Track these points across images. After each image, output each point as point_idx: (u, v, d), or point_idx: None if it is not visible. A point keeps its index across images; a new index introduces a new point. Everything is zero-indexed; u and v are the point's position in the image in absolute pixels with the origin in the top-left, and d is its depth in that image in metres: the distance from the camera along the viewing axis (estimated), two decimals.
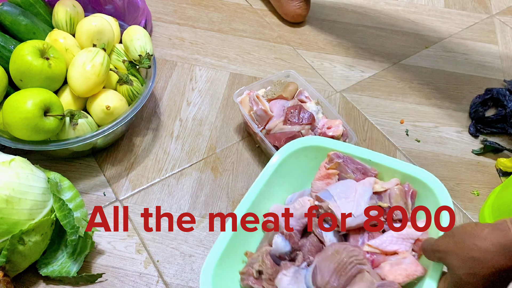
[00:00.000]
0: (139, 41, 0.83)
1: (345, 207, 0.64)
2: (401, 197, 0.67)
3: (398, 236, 0.64)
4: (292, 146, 0.74)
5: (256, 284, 0.64)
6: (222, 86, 1.02)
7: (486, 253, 0.45)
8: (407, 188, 0.68)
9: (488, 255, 0.45)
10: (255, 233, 0.70)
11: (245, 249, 0.68)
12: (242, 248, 0.68)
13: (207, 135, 0.92)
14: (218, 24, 1.15)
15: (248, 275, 0.64)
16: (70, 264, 0.71)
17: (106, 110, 0.77)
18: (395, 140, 0.94)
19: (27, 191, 0.65)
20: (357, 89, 1.04)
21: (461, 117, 1.00)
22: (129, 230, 0.78)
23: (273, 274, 0.63)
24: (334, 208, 0.64)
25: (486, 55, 1.13)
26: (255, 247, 0.70)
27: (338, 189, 0.67)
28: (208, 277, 0.61)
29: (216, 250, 0.64)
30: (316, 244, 0.66)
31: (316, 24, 1.18)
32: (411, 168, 0.69)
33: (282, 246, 0.65)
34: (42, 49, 0.75)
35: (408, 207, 0.67)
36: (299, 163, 0.75)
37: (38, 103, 0.70)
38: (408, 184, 0.68)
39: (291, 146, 0.74)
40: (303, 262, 0.64)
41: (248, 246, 0.69)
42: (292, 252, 0.66)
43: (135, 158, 0.88)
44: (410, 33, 1.18)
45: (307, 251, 0.65)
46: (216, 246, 0.64)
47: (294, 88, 0.87)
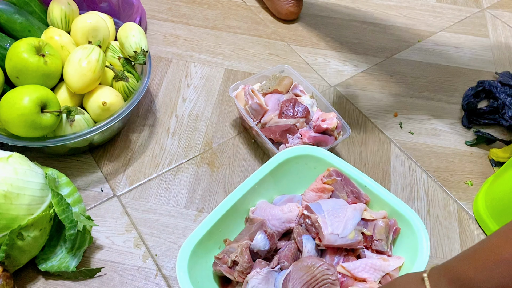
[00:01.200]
0: (134, 38, 0.84)
1: (332, 225, 0.66)
2: (384, 230, 0.68)
3: (371, 266, 0.65)
4: (295, 150, 0.75)
5: (227, 272, 0.65)
6: (217, 82, 1.02)
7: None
8: (391, 223, 0.69)
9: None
10: (236, 223, 0.72)
11: (224, 236, 0.70)
12: (222, 234, 0.70)
13: (203, 131, 0.93)
14: (213, 21, 1.16)
15: (223, 262, 0.66)
16: (69, 259, 0.72)
17: (102, 106, 0.78)
18: (389, 133, 0.95)
19: (25, 186, 0.66)
20: (351, 84, 1.05)
21: (454, 109, 1.01)
22: (127, 225, 0.78)
23: (248, 269, 0.64)
24: (322, 223, 0.66)
25: (478, 48, 1.15)
26: (234, 236, 0.71)
27: (330, 206, 0.68)
28: (186, 255, 0.64)
29: (199, 232, 0.66)
30: (294, 251, 0.67)
31: (310, 20, 1.19)
32: (400, 205, 0.69)
33: (263, 244, 0.67)
34: (38, 47, 0.75)
35: (388, 241, 0.68)
36: (297, 168, 0.76)
37: (34, 100, 0.71)
38: (394, 220, 0.70)
39: (294, 150, 0.75)
40: (278, 265, 0.65)
41: (228, 234, 0.71)
42: (268, 252, 0.67)
43: (132, 154, 0.88)
44: (403, 27, 1.19)
45: (284, 256, 0.66)
46: (199, 228, 0.67)
47: (289, 82, 0.88)
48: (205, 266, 0.68)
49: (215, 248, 0.70)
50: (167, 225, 0.79)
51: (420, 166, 0.90)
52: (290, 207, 0.71)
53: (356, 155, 0.91)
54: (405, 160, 0.91)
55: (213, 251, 0.69)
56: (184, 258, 0.64)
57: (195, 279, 0.63)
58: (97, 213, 0.79)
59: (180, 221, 0.79)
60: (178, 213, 0.80)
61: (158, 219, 0.79)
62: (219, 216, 0.68)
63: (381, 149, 0.92)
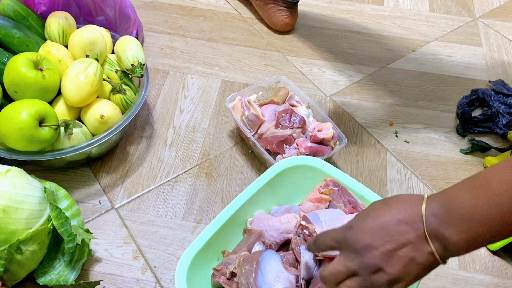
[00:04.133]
0: (132, 51, 0.84)
1: None
2: None
3: None
4: (292, 161, 0.76)
5: (226, 284, 0.65)
6: (214, 94, 1.03)
7: (412, 252, 0.47)
8: None
9: (414, 253, 0.47)
10: (234, 234, 0.73)
11: (223, 247, 0.71)
12: (220, 246, 0.70)
13: (200, 142, 0.94)
14: (209, 33, 1.17)
15: (222, 273, 0.66)
16: (67, 273, 0.72)
17: (100, 119, 0.78)
18: (385, 142, 0.96)
19: (23, 200, 0.66)
20: (346, 93, 1.06)
21: (449, 117, 1.02)
22: (126, 238, 0.79)
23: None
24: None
25: (471, 57, 1.16)
26: (232, 247, 0.72)
27: (328, 216, 0.68)
28: (185, 267, 0.64)
29: (197, 243, 0.67)
30: (292, 262, 0.68)
31: (305, 31, 1.21)
32: None
33: None
34: (36, 61, 0.76)
35: None
36: (294, 179, 0.77)
37: (33, 114, 0.71)
38: None
39: (292, 161, 0.76)
40: None
41: (226, 245, 0.71)
42: None
43: (130, 166, 0.89)
44: (397, 37, 1.21)
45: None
46: (198, 239, 0.67)
47: (285, 93, 0.89)
48: (204, 278, 0.68)
49: (213, 260, 0.70)
50: (165, 237, 0.79)
51: (416, 174, 0.91)
52: (288, 218, 0.71)
53: (352, 164, 0.92)
54: (401, 169, 0.92)
55: (211, 262, 0.69)
56: (182, 270, 0.64)
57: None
58: (96, 226, 0.80)
59: (178, 233, 0.80)
60: (176, 224, 0.81)
61: (156, 231, 0.80)
62: (217, 228, 0.69)
63: (377, 158, 0.93)
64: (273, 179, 0.74)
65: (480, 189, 0.44)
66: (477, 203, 0.44)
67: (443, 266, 0.77)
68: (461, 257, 0.79)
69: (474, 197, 0.44)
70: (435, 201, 0.47)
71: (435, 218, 0.46)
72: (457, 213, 0.45)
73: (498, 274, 0.77)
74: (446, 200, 0.46)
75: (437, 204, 0.46)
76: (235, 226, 0.73)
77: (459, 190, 0.46)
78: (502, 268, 0.78)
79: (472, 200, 0.44)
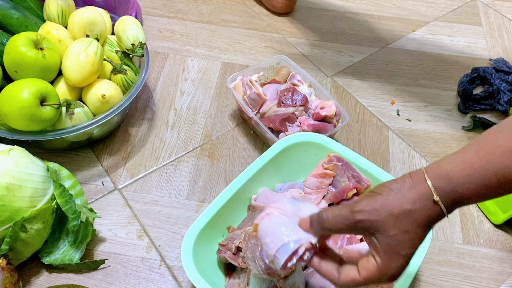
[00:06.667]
0: (132, 31, 0.84)
1: None
2: None
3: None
4: (295, 138, 0.76)
5: (232, 259, 0.65)
6: (214, 75, 1.03)
7: (415, 204, 0.44)
8: None
9: (417, 205, 0.44)
10: (239, 211, 0.73)
11: (227, 224, 0.71)
12: (225, 222, 0.70)
13: (202, 123, 0.93)
14: (208, 15, 1.17)
15: (227, 248, 0.66)
16: (72, 252, 0.72)
17: (101, 99, 0.78)
18: (387, 120, 0.96)
19: (27, 178, 0.65)
20: (347, 73, 1.05)
21: (450, 96, 1.02)
22: (130, 217, 0.78)
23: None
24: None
25: (471, 36, 1.16)
26: (237, 223, 0.72)
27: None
28: (190, 243, 0.64)
29: (202, 220, 0.66)
30: None
31: (304, 13, 1.20)
32: None
33: None
34: (36, 40, 0.75)
35: None
36: (297, 156, 0.76)
37: (34, 92, 0.71)
38: None
39: (294, 138, 0.76)
40: None
41: (231, 222, 0.71)
42: None
43: (132, 148, 0.88)
44: (397, 18, 1.20)
45: None
46: (202, 216, 0.67)
47: (287, 72, 0.89)
48: (210, 254, 0.68)
49: (218, 236, 0.70)
50: (169, 216, 0.79)
51: (418, 151, 0.91)
52: (291, 193, 0.71)
53: (355, 143, 0.92)
54: (403, 146, 0.91)
55: (216, 238, 0.69)
56: (188, 245, 0.64)
57: (200, 266, 0.63)
58: (99, 206, 0.79)
59: (183, 212, 0.80)
60: (180, 204, 0.81)
61: (160, 211, 0.79)
62: (221, 204, 0.69)
63: (379, 137, 0.93)
64: (277, 156, 0.74)
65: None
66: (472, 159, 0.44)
67: (447, 241, 0.77)
68: (465, 231, 0.79)
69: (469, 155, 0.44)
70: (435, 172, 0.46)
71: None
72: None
73: (502, 248, 0.78)
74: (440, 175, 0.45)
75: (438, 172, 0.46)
76: (240, 203, 0.73)
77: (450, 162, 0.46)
78: (506, 241, 0.79)
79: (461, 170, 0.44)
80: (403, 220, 0.44)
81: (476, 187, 0.43)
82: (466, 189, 0.44)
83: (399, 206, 0.44)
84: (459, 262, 0.76)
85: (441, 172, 0.45)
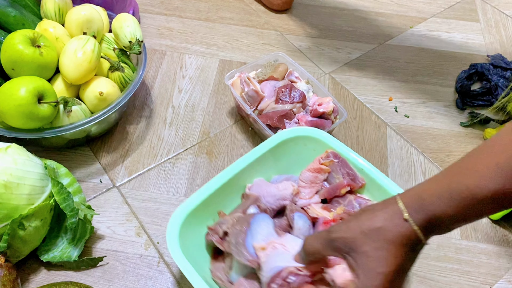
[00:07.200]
0: (129, 28, 0.84)
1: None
2: None
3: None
4: (294, 131, 0.76)
5: (218, 243, 0.66)
6: (212, 73, 1.03)
7: (385, 221, 0.45)
8: None
9: (387, 222, 0.45)
10: (233, 198, 0.73)
11: (220, 209, 0.71)
12: (217, 207, 0.70)
13: (200, 121, 0.93)
14: (205, 13, 1.17)
15: (215, 232, 0.66)
16: (70, 250, 0.72)
17: (99, 96, 0.78)
18: (385, 116, 0.96)
19: (25, 176, 0.65)
20: (345, 70, 1.05)
21: (448, 92, 1.02)
22: (128, 215, 0.78)
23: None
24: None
25: (469, 32, 1.16)
26: (229, 210, 0.72)
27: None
28: (178, 221, 0.64)
29: (192, 201, 0.67)
30: (284, 227, 0.68)
31: (302, 10, 1.20)
32: (397, 190, 0.68)
33: None
34: (33, 38, 0.75)
35: None
36: (295, 149, 0.76)
37: (31, 90, 0.71)
38: None
39: (294, 131, 0.76)
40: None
41: (223, 207, 0.71)
42: None
43: (130, 145, 0.88)
44: (394, 14, 1.20)
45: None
46: (193, 197, 0.67)
47: (284, 69, 0.89)
48: (198, 236, 0.68)
49: (209, 220, 0.70)
50: (167, 213, 0.79)
51: (416, 148, 0.91)
52: (285, 185, 0.71)
53: (353, 139, 0.92)
54: (401, 142, 0.92)
55: (207, 222, 0.69)
56: (175, 223, 0.64)
57: (186, 246, 0.63)
58: (97, 204, 0.79)
59: None
60: (179, 201, 0.81)
61: (158, 208, 0.80)
62: (214, 188, 0.68)
63: (377, 133, 0.93)
64: (275, 148, 0.74)
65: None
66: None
67: (445, 236, 0.77)
68: (463, 227, 0.79)
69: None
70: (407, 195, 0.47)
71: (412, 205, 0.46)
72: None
73: (500, 243, 0.78)
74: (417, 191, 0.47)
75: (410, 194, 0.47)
76: (234, 190, 0.72)
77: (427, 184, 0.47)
78: (503, 236, 0.79)
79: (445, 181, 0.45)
80: (374, 237, 0.45)
81: (445, 206, 0.44)
82: (437, 206, 0.44)
83: (370, 224, 0.46)
84: (457, 257, 0.76)
85: (412, 193, 0.46)
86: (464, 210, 0.43)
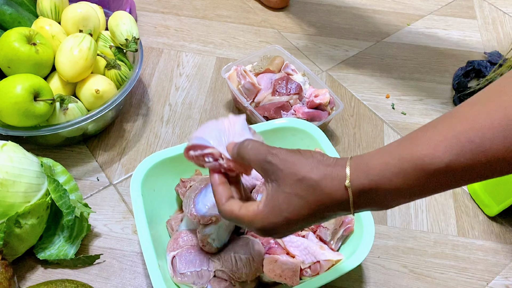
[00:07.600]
0: (125, 26, 0.83)
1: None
2: (334, 222, 0.66)
3: (306, 247, 0.64)
4: (292, 122, 0.75)
5: (181, 195, 0.68)
6: (209, 71, 1.03)
7: (324, 179, 0.43)
8: (347, 220, 0.67)
9: (326, 181, 0.43)
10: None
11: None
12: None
13: (197, 118, 0.93)
14: (202, 11, 1.16)
15: (184, 185, 0.70)
16: (67, 247, 0.72)
17: (95, 94, 0.78)
18: (382, 114, 0.96)
19: (21, 174, 0.65)
20: (342, 68, 1.05)
21: (445, 89, 1.02)
22: (125, 213, 0.78)
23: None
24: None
25: (466, 30, 1.16)
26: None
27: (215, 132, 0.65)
28: (150, 162, 0.69)
29: (170, 151, 0.70)
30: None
31: (299, 7, 1.20)
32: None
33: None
34: (29, 36, 0.75)
35: (336, 235, 0.67)
36: (292, 140, 0.75)
37: (27, 88, 0.70)
38: (352, 219, 0.67)
39: (292, 122, 0.75)
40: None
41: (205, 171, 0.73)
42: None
43: (127, 143, 0.88)
44: (391, 11, 1.20)
45: None
46: (172, 148, 0.71)
47: (281, 62, 0.89)
48: (170, 185, 0.72)
49: (185, 175, 0.72)
50: None
51: None
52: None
53: (350, 136, 0.92)
54: None
55: (182, 175, 0.72)
56: (148, 162, 0.68)
57: (151, 188, 0.68)
58: (94, 202, 0.79)
59: None
60: None
61: None
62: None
63: (374, 130, 0.93)
64: (270, 131, 0.74)
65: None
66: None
67: (442, 233, 0.78)
68: (460, 224, 0.79)
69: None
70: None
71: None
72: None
73: (496, 239, 0.78)
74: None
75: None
76: None
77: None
78: (500, 233, 0.79)
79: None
80: (303, 185, 0.43)
81: (392, 176, 0.41)
82: (383, 176, 0.41)
83: (308, 172, 0.43)
84: (454, 254, 0.76)
85: (361, 161, 0.43)
86: (412, 182, 0.40)
